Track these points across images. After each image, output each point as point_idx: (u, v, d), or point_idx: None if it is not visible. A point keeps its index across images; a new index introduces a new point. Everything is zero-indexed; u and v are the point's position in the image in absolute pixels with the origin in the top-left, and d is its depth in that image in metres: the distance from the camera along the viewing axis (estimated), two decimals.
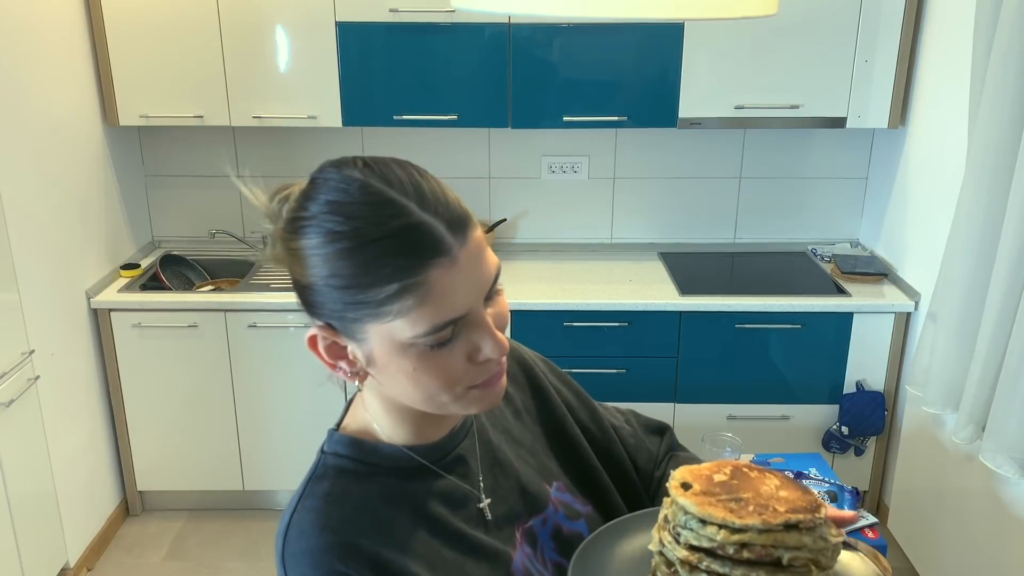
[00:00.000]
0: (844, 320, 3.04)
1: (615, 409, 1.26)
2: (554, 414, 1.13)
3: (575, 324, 3.05)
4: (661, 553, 0.81)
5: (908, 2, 2.94)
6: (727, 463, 0.85)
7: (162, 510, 3.36)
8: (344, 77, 3.02)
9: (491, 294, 0.86)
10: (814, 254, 3.46)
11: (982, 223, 2.40)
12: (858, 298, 3.04)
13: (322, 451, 0.96)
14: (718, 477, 0.82)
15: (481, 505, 0.98)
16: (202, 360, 3.10)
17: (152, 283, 3.19)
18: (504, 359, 0.88)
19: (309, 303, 0.86)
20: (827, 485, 2.33)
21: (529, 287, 3.13)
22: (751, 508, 0.76)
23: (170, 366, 3.10)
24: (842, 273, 3.17)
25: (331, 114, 3.06)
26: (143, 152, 3.44)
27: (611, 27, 2.94)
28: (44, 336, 2.73)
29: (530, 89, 3.02)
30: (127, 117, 3.07)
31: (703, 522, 0.77)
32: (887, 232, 3.30)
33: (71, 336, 2.92)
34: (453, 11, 2.88)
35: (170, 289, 3.19)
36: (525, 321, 3.04)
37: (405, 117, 3.04)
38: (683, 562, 0.78)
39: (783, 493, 0.79)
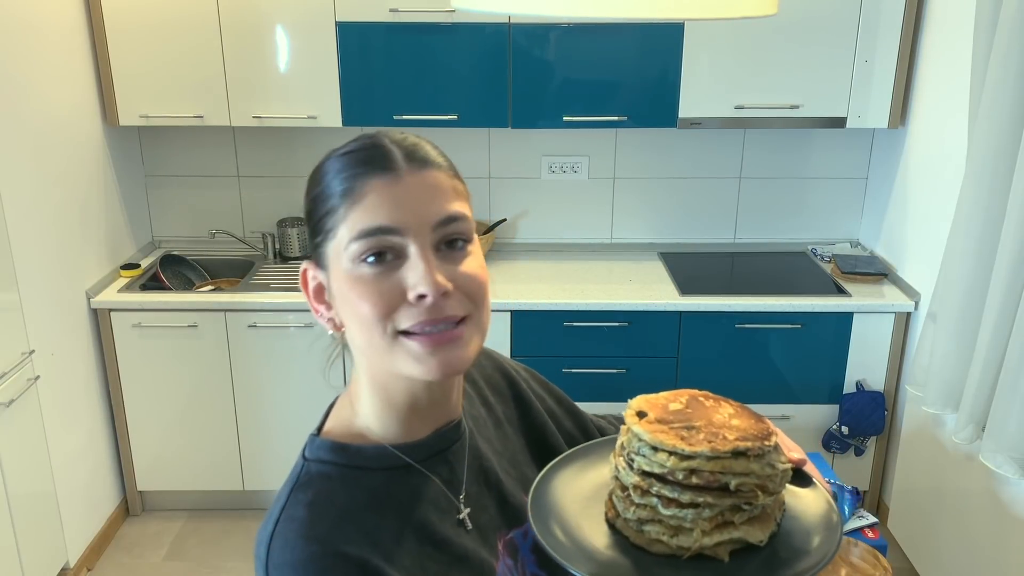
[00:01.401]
0: (844, 320, 3.04)
1: (602, 418, 1.25)
2: (535, 423, 1.11)
3: (575, 324, 3.05)
4: (616, 478, 0.83)
5: (908, 2, 2.94)
6: (684, 392, 0.87)
7: (162, 510, 3.36)
8: (344, 77, 3.02)
9: (449, 243, 0.85)
10: (814, 254, 3.46)
11: (982, 223, 2.41)
12: (858, 298, 3.04)
13: (303, 457, 0.94)
14: (674, 406, 0.84)
15: (460, 516, 0.96)
16: (202, 360, 3.10)
17: (152, 283, 3.19)
18: (459, 329, 0.85)
19: (309, 238, 0.91)
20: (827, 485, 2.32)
21: (529, 287, 3.13)
22: (701, 436, 0.78)
23: (170, 366, 3.10)
24: (842, 273, 3.17)
25: (331, 114, 3.06)
26: (143, 152, 3.44)
27: (611, 27, 2.94)
28: (44, 336, 2.73)
29: (530, 89, 3.02)
30: (127, 117, 3.07)
31: (655, 449, 0.79)
32: (887, 232, 3.30)
33: (71, 336, 2.92)
34: (453, 11, 2.88)
35: (170, 289, 3.19)
36: (525, 321, 3.04)
37: (405, 117, 3.04)
38: (635, 487, 0.80)
39: (735, 421, 0.81)
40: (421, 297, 0.83)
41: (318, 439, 0.95)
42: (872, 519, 2.31)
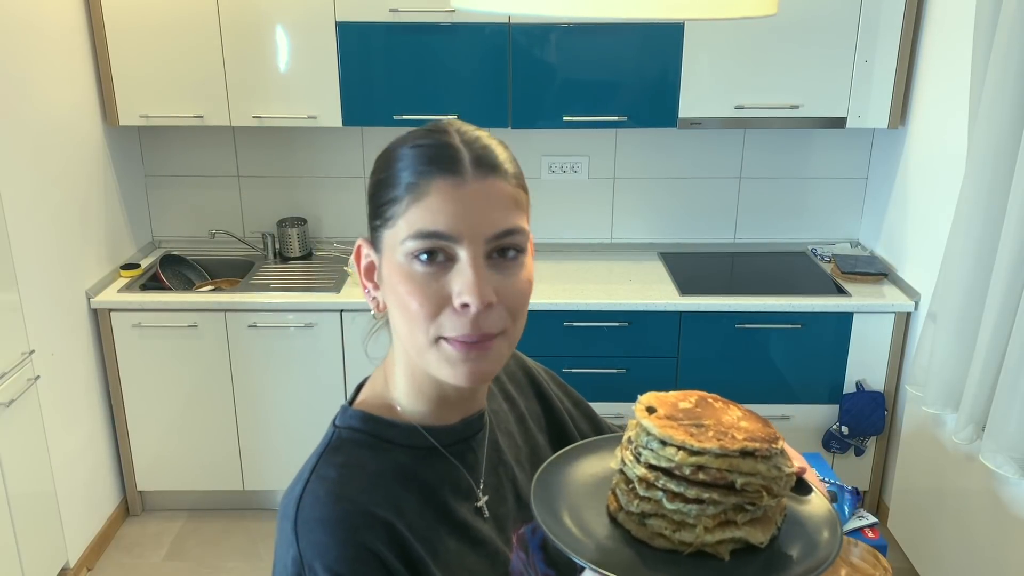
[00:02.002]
0: (844, 320, 3.04)
1: (618, 425, 1.26)
2: (556, 421, 1.14)
3: (575, 324, 3.05)
4: (622, 471, 0.83)
5: (908, 2, 2.94)
6: (694, 393, 0.88)
7: (162, 510, 3.36)
8: (344, 77, 3.02)
9: (501, 252, 0.86)
10: (814, 254, 3.46)
11: (982, 223, 2.40)
12: (858, 298, 3.04)
13: (334, 425, 0.96)
14: (683, 404, 0.85)
15: (479, 504, 0.98)
16: (202, 360, 3.10)
17: (152, 283, 3.19)
18: (494, 342, 0.86)
19: (368, 218, 0.92)
20: (827, 485, 2.33)
21: None
22: (711, 434, 0.79)
23: (170, 366, 3.10)
24: (842, 273, 3.17)
25: (331, 114, 3.06)
26: (143, 152, 3.44)
27: (611, 27, 2.93)
28: (44, 336, 2.73)
29: (530, 89, 3.02)
30: (127, 117, 3.07)
31: (663, 443, 0.79)
32: (887, 232, 3.30)
33: (71, 336, 2.92)
34: (453, 11, 2.88)
35: (170, 289, 3.19)
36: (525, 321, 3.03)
37: (405, 117, 3.04)
38: (641, 479, 0.80)
39: (744, 424, 0.82)
40: (465, 306, 0.84)
41: (351, 409, 0.97)
42: (872, 519, 2.31)
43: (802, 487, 0.89)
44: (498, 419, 1.06)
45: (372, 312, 0.95)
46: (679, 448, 0.78)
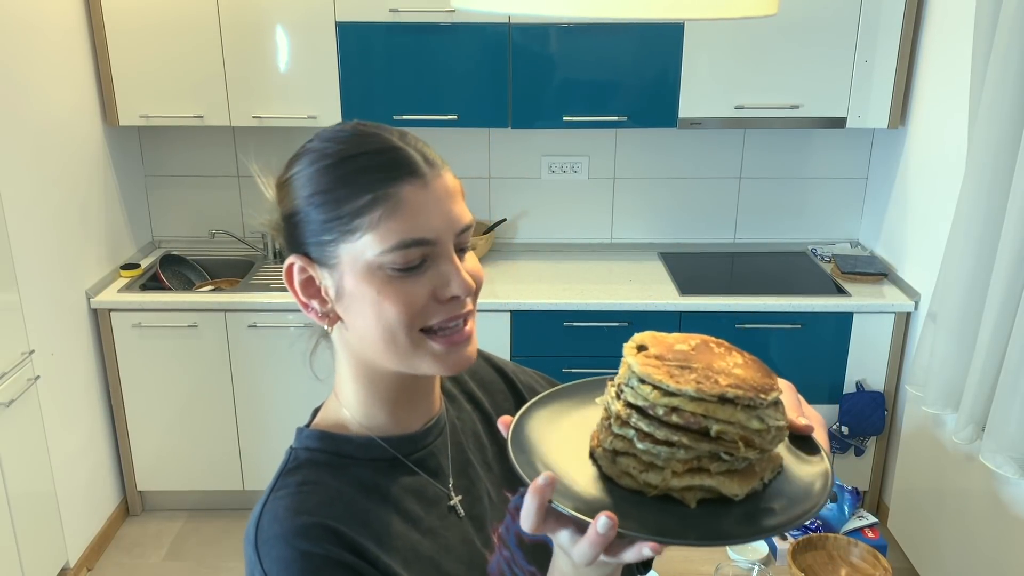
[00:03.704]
0: (844, 320, 3.04)
1: None
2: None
3: (575, 324, 3.05)
4: (606, 408, 0.82)
5: (908, 2, 2.94)
6: (698, 336, 0.85)
7: (162, 510, 3.36)
8: (344, 77, 3.02)
9: (461, 242, 0.88)
10: (814, 254, 3.46)
11: (982, 223, 2.41)
12: (858, 298, 3.04)
13: (291, 448, 0.96)
14: (680, 347, 0.81)
15: (452, 503, 0.97)
16: (202, 360, 3.10)
17: (152, 283, 3.19)
18: (469, 326, 0.89)
19: (291, 235, 0.89)
20: None
21: (529, 287, 3.13)
22: (692, 376, 0.76)
23: (170, 366, 3.10)
24: (842, 273, 3.17)
25: (331, 114, 3.06)
26: (143, 152, 3.44)
27: (611, 27, 2.94)
28: (44, 336, 2.73)
29: (530, 89, 3.02)
30: (127, 117, 3.07)
31: (642, 381, 0.77)
32: (887, 232, 3.30)
33: (71, 336, 2.92)
34: (453, 11, 2.88)
35: (170, 289, 3.19)
36: (525, 321, 3.04)
37: (405, 117, 3.04)
38: (616, 416, 0.79)
39: (739, 371, 0.78)
40: (453, 298, 0.86)
41: (306, 430, 0.97)
42: (872, 519, 2.31)
43: (808, 446, 0.84)
44: (463, 423, 1.05)
45: (321, 326, 0.93)
46: (655, 387, 0.76)
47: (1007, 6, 2.23)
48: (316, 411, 1.01)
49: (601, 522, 0.69)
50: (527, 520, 0.72)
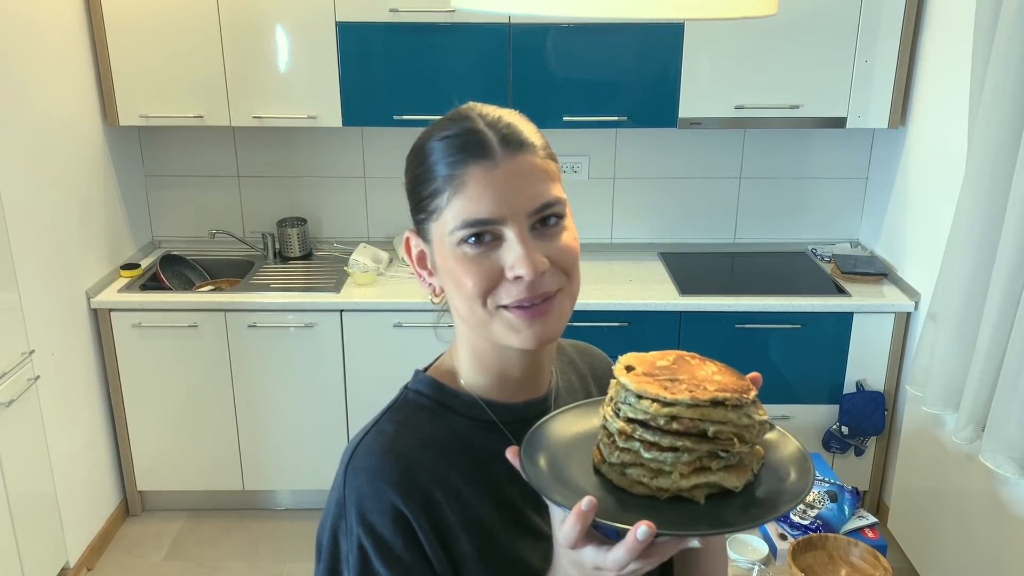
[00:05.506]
0: (844, 320, 3.04)
1: None
2: None
3: (575, 324, 3.03)
4: (604, 427, 0.89)
5: (908, 2, 2.94)
6: (672, 352, 0.93)
7: (162, 510, 3.36)
8: (344, 77, 3.02)
9: (542, 221, 0.91)
10: (814, 254, 3.46)
11: (982, 223, 2.41)
12: (858, 298, 3.04)
13: (405, 387, 1.02)
14: (661, 362, 0.90)
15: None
16: (202, 360, 3.10)
17: (152, 283, 3.19)
18: (551, 303, 0.92)
19: (412, 212, 0.97)
20: (827, 485, 2.33)
21: None
22: (683, 386, 0.84)
23: (170, 366, 3.10)
24: (842, 273, 3.17)
25: (331, 114, 3.06)
26: (143, 152, 3.44)
27: (611, 27, 2.94)
28: (44, 336, 2.73)
29: (530, 89, 3.02)
30: (127, 117, 3.07)
31: (639, 397, 0.85)
32: (887, 232, 3.30)
33: (71, 336, 2.92)
34: (453, 11, 2.88)
35: (170, 289, 3.19)
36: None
37: (405, 117, 3.04)
38: (620, 432, 0.86)
39: (717, 377, 0.87)
40: (519, 278, 0.89)
41: (422, 374, 1.03)
42: (872, 519, 2.31)
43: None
44: (572, 397, 1.08)
45: (430, 299, 1.00)
46: (653, 400, 0.83)
47: (1007, 6, 2.23)
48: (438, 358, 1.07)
49: (641, 530, 0.76)
50: (568, 539, 0.80)
